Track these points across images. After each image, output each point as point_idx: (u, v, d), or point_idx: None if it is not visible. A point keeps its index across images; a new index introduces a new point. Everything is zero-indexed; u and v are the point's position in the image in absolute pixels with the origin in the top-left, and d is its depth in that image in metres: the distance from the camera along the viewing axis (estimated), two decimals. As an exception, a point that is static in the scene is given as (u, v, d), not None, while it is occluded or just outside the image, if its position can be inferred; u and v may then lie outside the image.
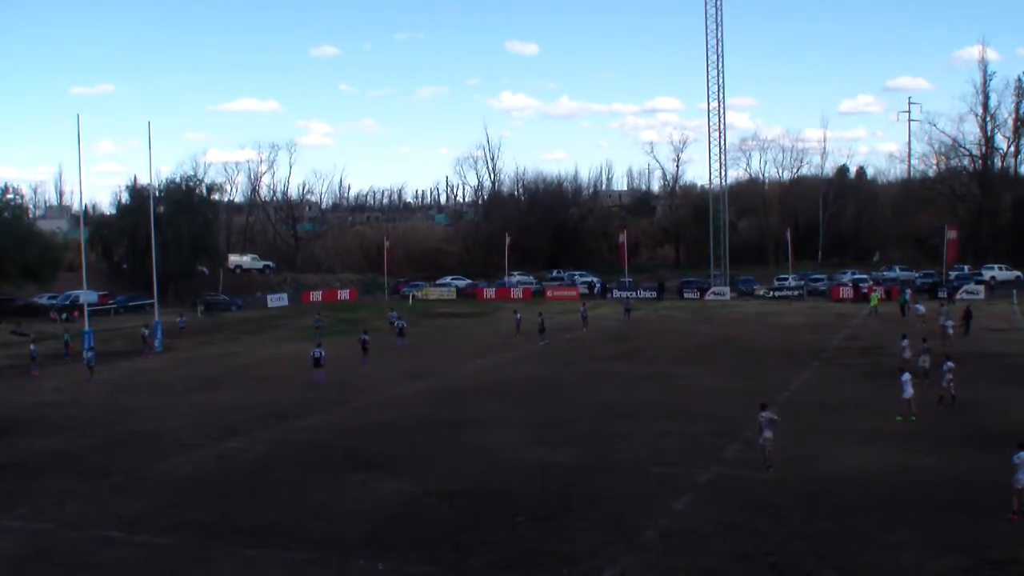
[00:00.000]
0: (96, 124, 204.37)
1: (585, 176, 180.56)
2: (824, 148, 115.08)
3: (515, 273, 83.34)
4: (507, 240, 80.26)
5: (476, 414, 27.84)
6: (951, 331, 37.51)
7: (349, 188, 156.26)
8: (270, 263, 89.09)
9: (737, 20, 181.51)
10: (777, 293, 68.74)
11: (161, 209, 68.26)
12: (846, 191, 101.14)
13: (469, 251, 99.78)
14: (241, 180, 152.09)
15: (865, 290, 61.77)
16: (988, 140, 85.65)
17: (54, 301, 63.31)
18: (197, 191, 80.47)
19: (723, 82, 72.01)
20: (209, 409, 30.03)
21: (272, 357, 43.37)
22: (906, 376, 26.01)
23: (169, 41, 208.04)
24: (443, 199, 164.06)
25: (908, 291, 57.97)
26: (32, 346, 41.50)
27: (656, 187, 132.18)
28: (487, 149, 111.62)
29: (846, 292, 65.14)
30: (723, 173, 74.94)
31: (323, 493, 19.90)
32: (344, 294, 78.66)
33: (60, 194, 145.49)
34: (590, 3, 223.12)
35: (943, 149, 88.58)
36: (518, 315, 50.86)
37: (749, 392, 30.42)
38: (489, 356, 41.33)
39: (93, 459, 23.61)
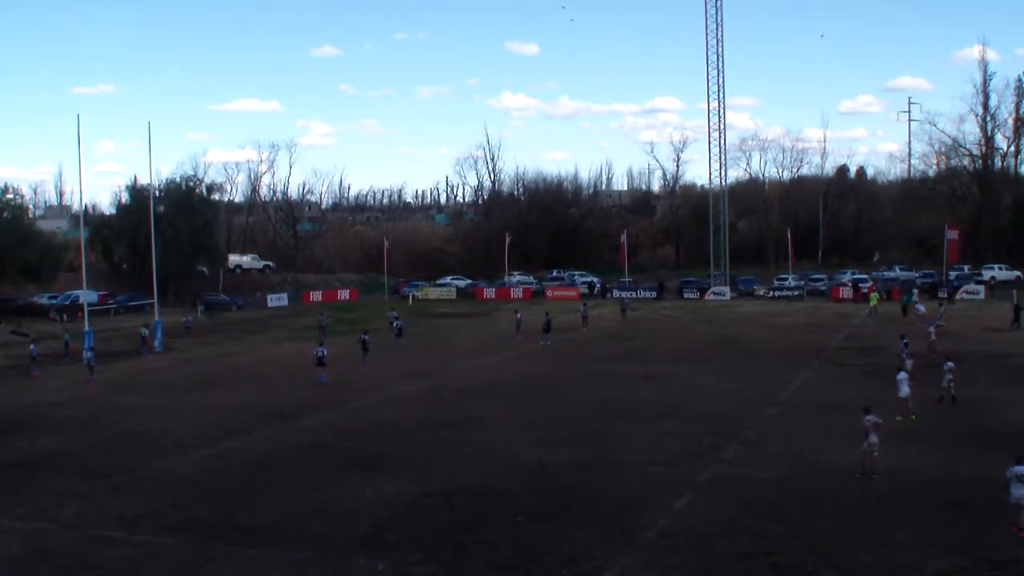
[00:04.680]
0: (96, 124, 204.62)
1: (585, 176, 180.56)
2: (824, 148, 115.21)
3: (515, 273, 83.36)
4: (507, 240, 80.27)
5: (476, 414, 27.84)
6: (934, 336, 37.25)
7: (349, 188, 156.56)
8: (270, 263, 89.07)
9: (737, 20, 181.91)
10: (777, 293, 68.72)
11: (161, 209, 68.20)
12: (846, 191, 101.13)
13: (469, 251, 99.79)
14: (241, 180, 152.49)
15: (865, 290, 61.71)
16: (988, 140, 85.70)
17: (54, 301, 63.27)
18: (197, 191, 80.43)
19: (723, 82, 72.13)
20: (209, 409, 30.03)
21: (272, 357, 43.37)
22: (902, 375, 26.07)
23: (169, 41, 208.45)
24: (443, 199, 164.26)
25: (915, 291, 57.92)
26: (32, 346, 41.47)
27: (656, 187, 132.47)
28: (487, 149, 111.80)
29: (846, 292, 65.10)
30: (723, 173, 75.05)
31: (323, 493, 19.90)
32: (344, 294, 78.63)
33: (60, 194, 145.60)
34: (590, 3, 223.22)
35: (943, 149, 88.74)
36: (518, 315, 50.85)
37: (749, 392, 30.55)
38: (489, 356, 41.33)
39: (93, 459, 23.61)
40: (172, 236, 68.54)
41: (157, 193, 67.80)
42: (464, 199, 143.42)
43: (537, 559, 15.67)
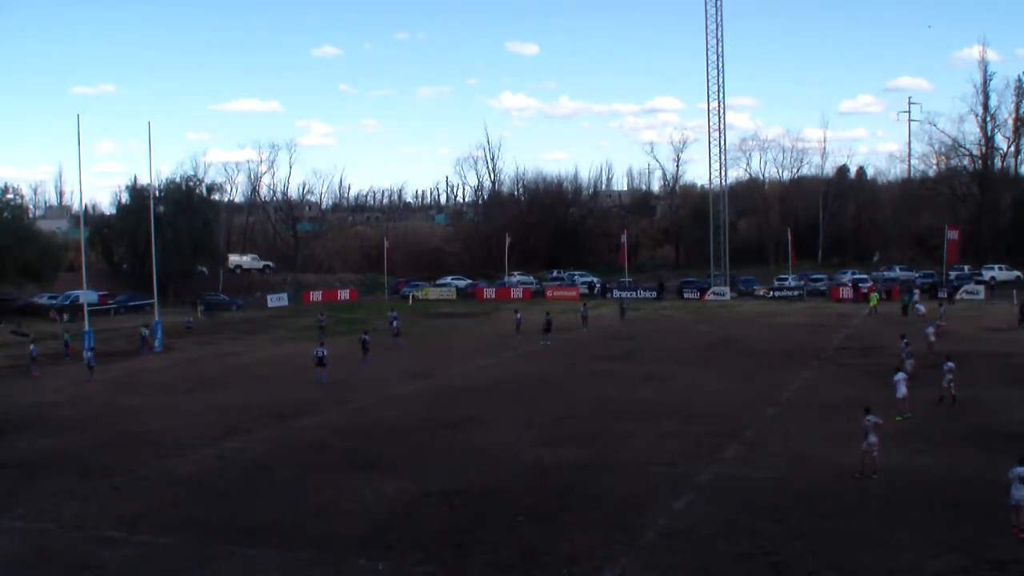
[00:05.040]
0: (96, 124, 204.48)
1: (585, 176, 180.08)
2: (824, 148, 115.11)
3: (515, 273, 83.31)
4: (507, 240, 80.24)
5: (476, 414, 27.84)
6: (933, 338, 37.12)
7: (349, 188, 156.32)
8: (270, 263, 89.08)
9: (737, 20, 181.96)
10: (777, 293, 68.69)
11: (161, 209, 68.16)
12: (846, 191, 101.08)
13: (469, 251, 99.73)
14: (241, 180, 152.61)
15: (865, 290, 61.71)
16: (988, 140, 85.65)
17: (54, 301, 63.29)
18: (197, 191, 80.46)
19: (723, 82, 72.08)
20: (209, 409, 30.02)
21: (272, 357, 43.36)
22: (900, 375, 26.06)
23: (169, 41, 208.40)
24: (443, 199, 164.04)
25: (916, 292, 57.82)
26: (32, 346, 41.46)
27: (656, 187, 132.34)
28: (487, 149, 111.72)
29: (846, 292, 65.08)
30: (723, 173, 75.03)
31: (323, 493, 19.91)
32: (344, 294, 78.62)
33: (60, 194, 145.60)
34: (590, 3, 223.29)
35: (943, 149, 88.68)
36: (518, 315, 50.82)
37: (749, 392, 30.55)
38: (489, 356, 41.32)
39: (93, 459, 23.62)
40: (172, 236, 68.49)
41: (157, 193, 67.79)
42: (464, 199, 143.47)
43: (537, 559, 15.67)
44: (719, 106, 72.52)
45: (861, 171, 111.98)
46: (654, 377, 34.23)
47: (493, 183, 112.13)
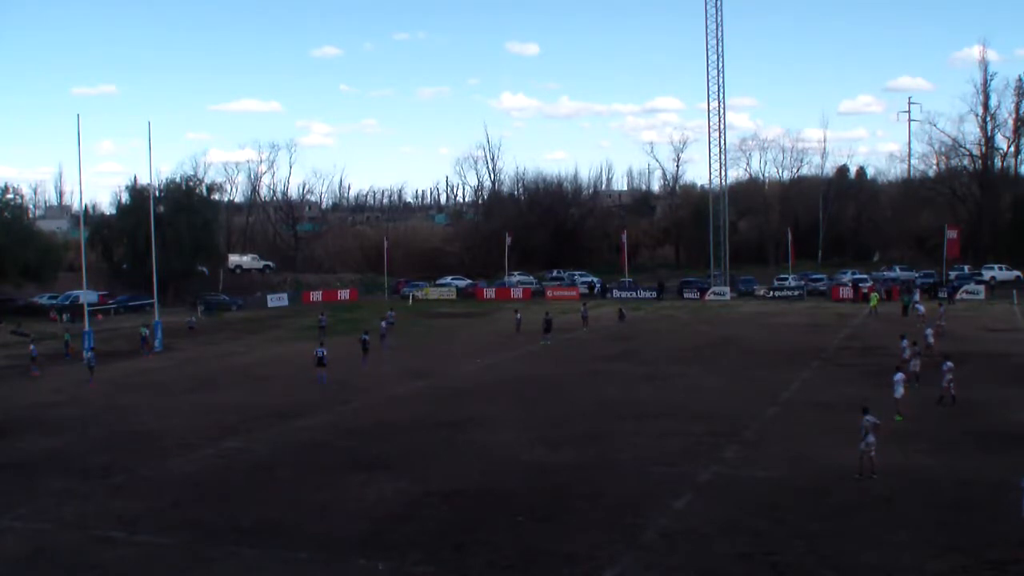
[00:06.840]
0: (96, 124, 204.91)
1: (585, 176, 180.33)
2: (824, 148, 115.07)
3: (515, 273, 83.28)
4: (507, 240, 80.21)
5: (476, 414, 27.83)
6: (931, 340, 37.01)
7: (349, 188, 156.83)
8: (270, 263, 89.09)
9: (737, 20, 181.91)
10: (777, 293, 68.66)
11: (161, 209, 68.18)
12: (846, 191, 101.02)
13: (469, 251, 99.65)
14: (241, 180, 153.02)
15: (865, 290, 61.69)
16: (988, 140, 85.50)
17: (54, 301, 63.28)
18: (197, 191, 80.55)
19: (723, 82, 71.97)
20: (209, 409, 30.02)
21: (272, 357, 43.35)
22: (899, 376, 26.03)
23: (169, 41, 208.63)
24: (443, 199, 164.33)
25: (917, 292, 57.82)
26: (32, 346, 41.47)
27: (656, 187, 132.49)
28: (487, 149, 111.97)
29: (846, 292, 65.07)
30: (723, 173, 74.91)
31: (323, 493, 19.91)
32: (344, 294, 78.62)
33: (60, 194, 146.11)
34: (590, 3, 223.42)
35: (943, 149, 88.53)
36: (518, 315, 50.84)
37: (749, 392, 30.54)
38: (489, 356, 41.31)
39: (93, 459, 23.61)
40: (172, 236, 68.56)
41: (157, 193, 67.75)
42: (464, 199, 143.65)
43: (537, 559, 15.67)
44: (719, 106, 72.50)
45: (861, 171, 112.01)
46: (654, 377, 34.22)
47: (493, 183, 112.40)
